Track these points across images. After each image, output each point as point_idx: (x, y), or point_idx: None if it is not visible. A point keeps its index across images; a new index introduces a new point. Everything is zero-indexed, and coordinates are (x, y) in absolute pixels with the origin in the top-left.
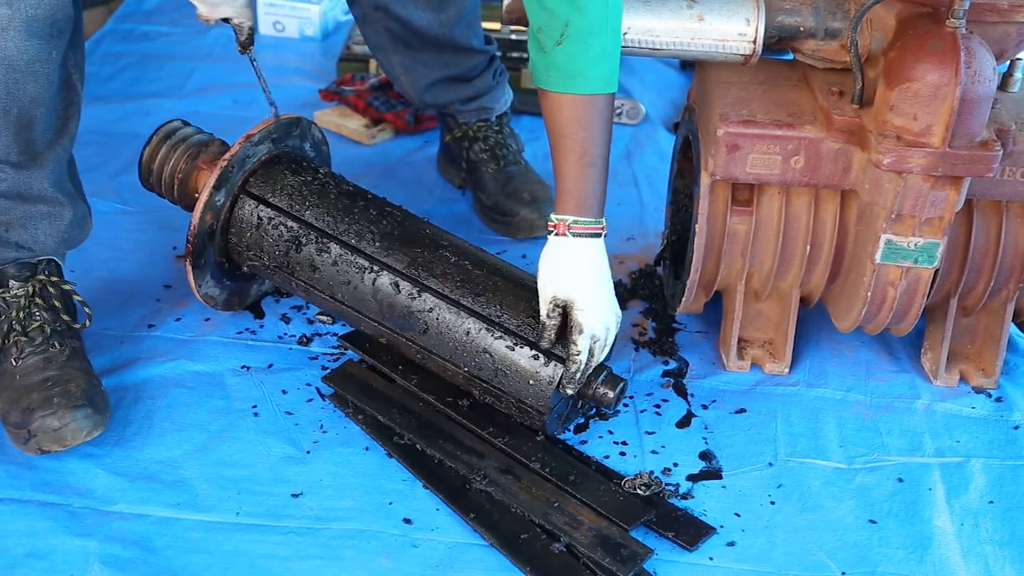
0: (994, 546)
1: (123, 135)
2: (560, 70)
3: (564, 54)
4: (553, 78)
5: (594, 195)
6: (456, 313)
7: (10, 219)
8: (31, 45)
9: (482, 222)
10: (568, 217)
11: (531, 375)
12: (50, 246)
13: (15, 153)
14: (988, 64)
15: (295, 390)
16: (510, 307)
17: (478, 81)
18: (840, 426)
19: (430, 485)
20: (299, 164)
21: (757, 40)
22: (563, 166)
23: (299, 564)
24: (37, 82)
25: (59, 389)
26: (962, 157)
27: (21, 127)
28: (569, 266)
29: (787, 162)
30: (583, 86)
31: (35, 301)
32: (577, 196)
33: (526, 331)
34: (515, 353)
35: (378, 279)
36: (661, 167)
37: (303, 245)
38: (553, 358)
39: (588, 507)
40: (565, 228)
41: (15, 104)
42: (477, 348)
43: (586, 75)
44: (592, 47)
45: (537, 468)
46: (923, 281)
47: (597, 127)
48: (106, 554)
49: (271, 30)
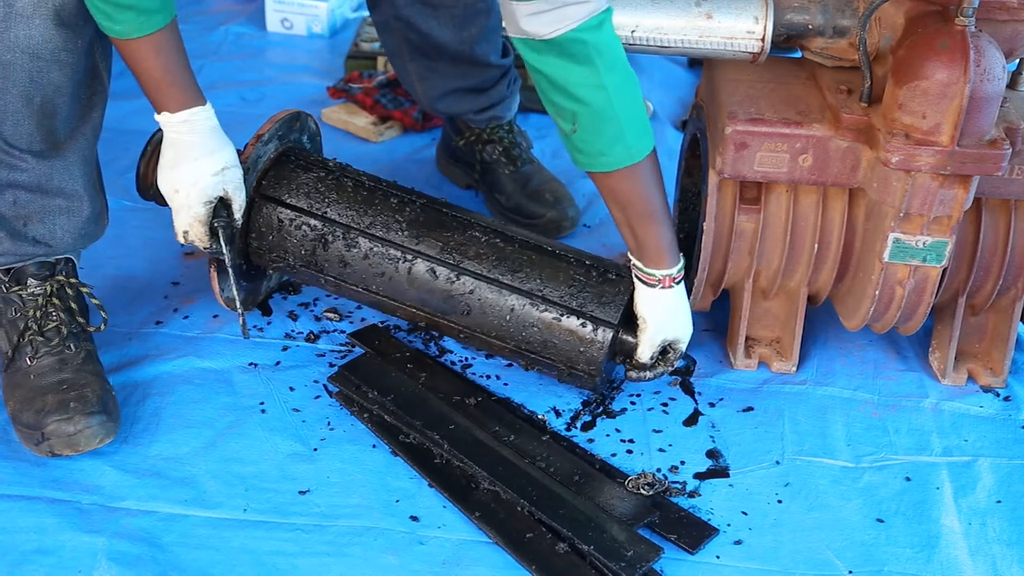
0: (1002, 545)
1: (130, 132)
2: (584, 153)
3: (581, 140)
4: (581, 160)
5: (674, 246)
6: (498, 292)
7: (29, 212)
8: (57, 33)
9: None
10: (671, 271)
11: (582, 342)
12: (67, 242)
13: (37, 142)
14: (997, 62)
15: (302, 387)
16: (549, 279)
17: (493, 92)
18: (847, 425)
19: (435, 484)
20: (307, 159)
21: (765, 38)
22: (637, 230)
23: (306, 561)
24: (62, 70)
25: (75, 394)
26: (971, 156)
27: (44, 115)
28: (676, 312)
29: (795, 160)
30: (609, 164)
31: (52, 301)
32: (665, 252)
33: (568, 300)
34: (563, 323)
35: (413, 267)
36: (669, 165)
37: (330, 243)
38: (599, 323)
39: (593, 507)
40: (671, 282)
41: (39, 92)
42: (524, 323)
43: (609, 154)
44: (604, 132)
45: (542, 468)
46: (931, 280)
47: (648, 186)
48: (114, 550)
49: (279, 27)
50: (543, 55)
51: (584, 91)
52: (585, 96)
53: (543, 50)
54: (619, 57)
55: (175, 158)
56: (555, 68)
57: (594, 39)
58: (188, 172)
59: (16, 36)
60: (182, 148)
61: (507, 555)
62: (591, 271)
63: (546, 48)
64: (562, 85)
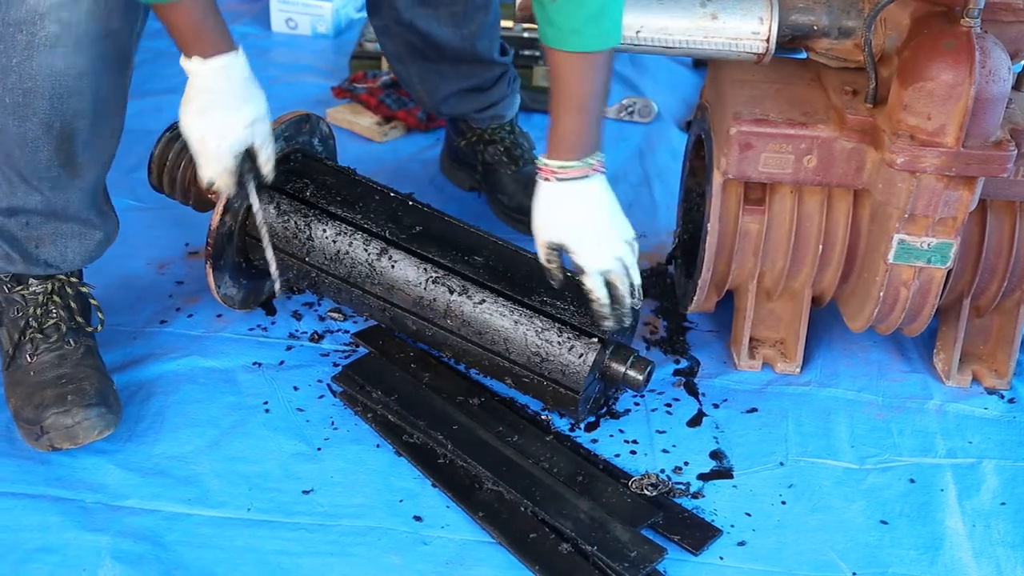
0: (1006, 548)
1: (136, 132)
2: (557, 27)
3: (560, 12)
4: (551, 35)
5: (584, 139)
6: (501, 306)
7: (41, 235)
8: (80, 60)
9: (505, 224)
10: (554, 163)
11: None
12: (76, 263)
13: (55, 166)
14: (1003, 63)
15: (306, 387)
16: (553, 294)
17: (494, 91)
18: (852, 426)
19: (439, 484)
20: (312, 160)
21: (770, 39)
22: (557, 115)
23: (309, 560)
24: (82, 96)
25: (73, 387)
26: (976, 157)
27: (63, 141)
28: (557, 210)
29: (800, 161)
30: (579, 43)
31: (52, 299)
32: (567, 142)
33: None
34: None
35: (396, 263)
36: (673, 166)
37: (316, 231)
38: (583, 334)
39: (597, 508)
40: (551, 173)
41: (59, 119)
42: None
43: (583, 32)
44: (587, 6)
45: (546, 468)
46: (936, 281)
47: (595, 82)
48: (117, 549)
49: (284, 27)
50: None
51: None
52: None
53: None
54: None
55: (205, 106)
56: None
57: None
58: (219, 122)
59: (39, 64)
60: (214, 96)
61: (510, 555)
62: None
63: None
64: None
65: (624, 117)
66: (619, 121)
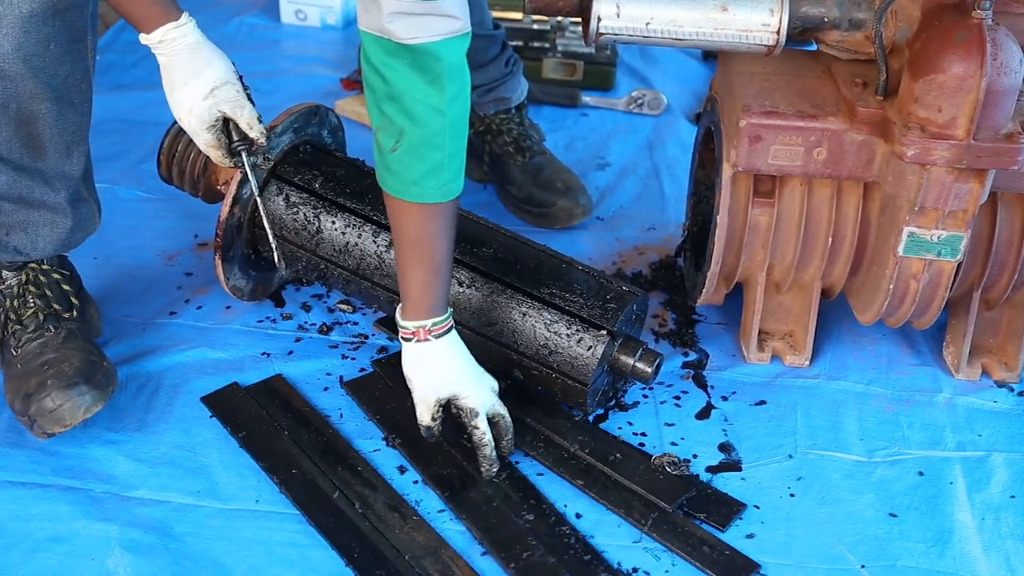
0: (1015, 540)
1: (144, 123)
2: (396, 176)
3: (399, 162)
4: (390, 183)
5: (441, 292)
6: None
7: (12, 222)
8: (28, 39)
9: (514, 215)
10: (426, 322)
11: (576, 347)
12: (48, 250)
13: (16, 148)
14: (1014, 56)
15: (314, 379)
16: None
17: (491, 68)
18: (861, 419)
19: (428, 482)
20: (322, 152)
21: (781, 31)
22: (409, 273)
23: (317, 552)
24: (37, 77)
25: (53, 371)
26: (987, 149)
27: (22, 123)
28: (443, 366)
29: (809, 153)
30: (420, 195)
31: (28, 288)
32: (428, 303)
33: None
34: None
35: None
36: (683, 158)
37: (326, 227)
38: (591, 327)
39: (464, 560)
40: (426, 334)
41: (13, 100)
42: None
43: (422, 185)
44: (427, 159)
45: (576, 450)
46: (946, 274)
47: (440, 234)
48: (127, 539)
49: (293, 19)
50: (393, 59)
51: (422, 110)
52: (422, 116)
53: (396, 54)
54: (465, 90)
55: (167, 84)
56: (401, 77)
57: (449, 59)
58: (181, 99)
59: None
60: (169, 72)
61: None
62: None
63: (400, 52)
64: (401, 96)
65: (633, 109)
66: (628, 113)
